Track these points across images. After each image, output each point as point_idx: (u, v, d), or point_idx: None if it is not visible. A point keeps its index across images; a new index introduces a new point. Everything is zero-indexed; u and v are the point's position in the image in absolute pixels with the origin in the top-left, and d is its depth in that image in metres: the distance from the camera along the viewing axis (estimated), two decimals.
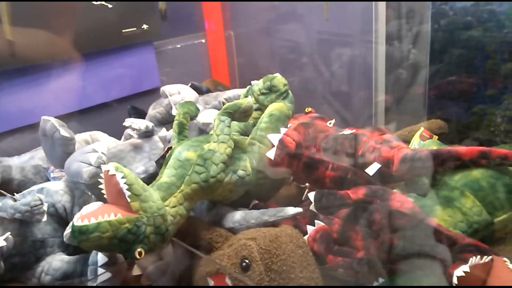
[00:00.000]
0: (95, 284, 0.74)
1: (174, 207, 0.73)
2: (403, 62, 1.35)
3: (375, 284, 0.71)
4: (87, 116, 1.31)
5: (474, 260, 0.61)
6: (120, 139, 1.19)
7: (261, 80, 0.98)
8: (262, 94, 0.97)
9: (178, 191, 0.75)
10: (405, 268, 0.69)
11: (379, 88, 1.29)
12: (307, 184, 0.92)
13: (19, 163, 1.11)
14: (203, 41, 1.59)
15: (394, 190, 0.78)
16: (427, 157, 0.84)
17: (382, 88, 1.29)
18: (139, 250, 0.66)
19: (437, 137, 1.10)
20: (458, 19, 1.34)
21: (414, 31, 1.34)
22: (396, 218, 0.71)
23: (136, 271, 0.80)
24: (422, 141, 1.07)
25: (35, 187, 0.89)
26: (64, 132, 0.85)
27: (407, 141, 1.08)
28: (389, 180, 0.88)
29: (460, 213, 0.78)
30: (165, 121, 1.16)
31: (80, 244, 0.64)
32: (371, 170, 0.86)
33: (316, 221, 0.78)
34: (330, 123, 1.15)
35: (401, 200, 0.73)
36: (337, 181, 0.80)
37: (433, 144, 1.01)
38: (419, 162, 0.84)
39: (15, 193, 0.81)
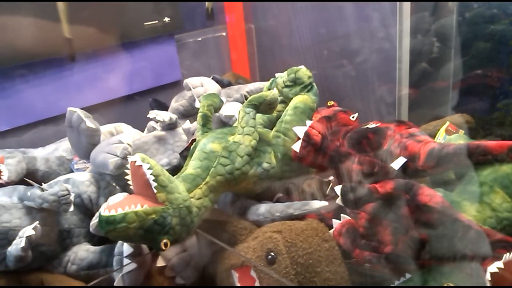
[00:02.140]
0: (120, 274, 0.74)
1: (199, 198, 0.73)
2: (427, 55, 1.33)
3: (402, 279, 0.70)
4: (109, 108, 1.32)
5: (508, 256, 0.59)
6: (142, 132, 1.19)
7: (285, 72, 0.97)
8: (286, 86, 0.96)
9: (203, 183, 0.75)
10: (434, 264, 0.68)
11: (403, 82, 1.27)
12: (331, 178, 0.91)
13: (43, 155, 1.13)
14: (224, 34, 1.59)
15: (423, 185, 0.77)
16: (454, 151, 0.82)
17: (406, 82, 1.27)
18: (164, 241, 0.67)
19: (463, 131, 1.08)
20: (483, 12, 1.31)
21: (438, 24, 1.32)
22: (425, 212, 0.69)
23: (160, 263, 0.80)
24: (448, 136, 1.05)
25: (61, 178, 0.90)
26: (90, 123, 0.86)
27: (432, 136, 1.06)
28: (415, 175, 0.86)
29: (489, 209, 0.77)
30: (188, 113, 1.16)
31: (107, 234, 0.65)
32: (397, 164, 0.84)
33: (342, 215, 0.77)
34: (353, 117, 1.13)
35: (430, 195, 0.71)
36: (363, 175, 0.78)
37: (460, 139, 0.99)
38: (446, 156, 0.82)
39: (42, 183, 0.82)
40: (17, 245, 0.71)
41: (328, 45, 1.39)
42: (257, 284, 0.70)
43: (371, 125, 0.98)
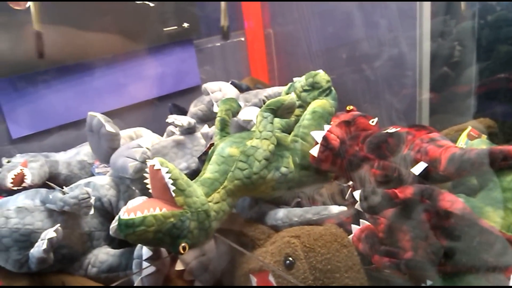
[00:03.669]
0: (139, 277, 0.75)
1: (217, 203, 0.73)
2: (448, 59, 1.31)
3: (423, 286, 0.69)
4: (130, 113, 1.34)
5: None
6: (161, 136, 1.20)
7: (303, 76, 0.97)
8: (305, 91, 0.96)
9: (221, 187, 0.75)
10: (455, 270, 0.67)
11: (424, 86, 1.25)
12: (350, 183, 0.90)
13: (65, 159, 1.15)
14: (243, 39, 1.59)
15: (444, 190, 0.76)
16: (476, 156, 0.80)
17: (427, 86, 1.25)
18: (183, 244, 0.67)
19: (486, 136, 1.06)
20: (506, 15, 1.29)
21: (459, 28, 1.30)
22: (446, 218, 0.68)
23: (179, 266, 0.80)
24: (469, 141, 1.03)
25: (82, 181, 0.91)
26: (110, 127, 0.87)
27: (454, 141, 1.04)
28: (435, 180, 0.85)
29: None
30: (206, 118, 1.17)
31: (126, 238, 0.65)
32: (417, 169, 0.83)
33: (361, 220, 0.76)
34: (372, 122, 1.12)
35: (451, 200, 0.70)
36: (382, 180, 0.78)
37: (482, 144, 0.97)
38: (468, 161, 0.80)
39: (63, 187, 0.84)
40: (39, 247, 0.72)
41: (347, 49, 1.38)
42: None
43: (391, 129, 0.97)
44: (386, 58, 1.30)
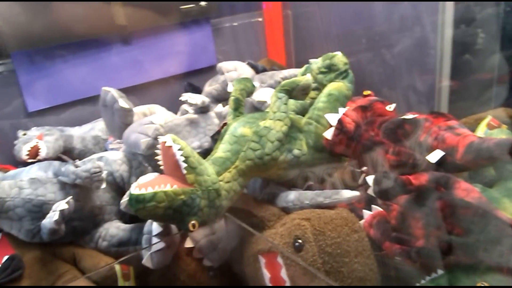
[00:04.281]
0: (149, 253, 0.75)
1: (228, 182, 0.73)
2: (470, 46, 1.27)
3: (433, 275, 0.68)
4: (144, 90, 1.34)
5: None
6: (175, 115, 1.20)
7: (320, 58, 0.95)
8: (321, 72, 0.94)
9: (232, 166, 0.75)
10: (468, 261, 0.66)
11: (444, 73, 1.22)
12: (363, 168, 0.89)
13: (80, 133, 1.16)
14: (260, 19, 1.57)
15: (459, 179, 0.74)
16: (495, 146, 0.78)
17: (447, 73, 1.22)
18: (192, 222, 0.67)
19: (506, 126, 1.03)
20: None
21: (484, 14, 1.26)
22: (461, 207, 0.67)
23: (188, 244, 0.80)
24: (489, 130, 1.00)
25: (94, 156, 0.91)
26: (123, 103, 0.87)
27: (472, 130, 1.02)
28: (452, 169, 0.83)
29: None
30: (221, 98, 1.16)
31: (137, 212, 0.65)
32: (434, 157, 0.82)
33: (373, 206, 0.75)
34: (390, 107, 1.10)
35: (467, 189, 0.69)
36: (397, 166, 0.76)
37: (502, 133, 0.95)
38: (486, 151, 0.78)
39: (76, 160, 0.84)
40: (51, 218, 0.73)
41: (366, 33, 1.35)
42: (283, 270, 0.70)
43: (409, 116, 0.95)
44: (407, 43, 1.27)
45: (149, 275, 0.80)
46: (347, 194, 0.77)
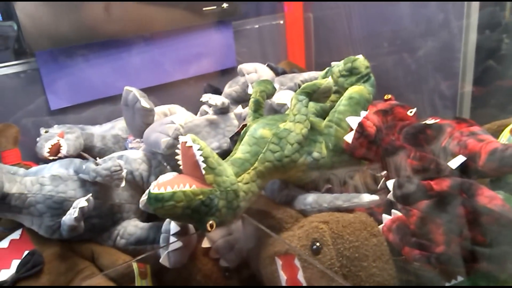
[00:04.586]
0: (166, 252, 0.76)
1: (246, 183, 0.73)
2: (494, 52, 1.25)
3: (453, 282, 0.67)
4: (164, 91, 1.35)
5: None
6: (195, 115, 1.21)
7: (341, 61, 0.95)
8: (342, 76, 0.93)
9: (251, 168, 0.75)
10: (489, 269, 0.64)
11: (467, 79, 1.20)
12: (383, 173, 0.88)
13: (100, 132, 1.17)
14: (281, 22, 1.57)
15: (482, 185, 0.73)
16: None
17: (470, 79, 1.21)
18: (210, 222, 0.67)
19: None
20: None
21: (509, 20, 1.23)
22: (483, 214, 0.65)
23: (205, 244, 0.81)
24: None
25: (115, 154, 0.92)
26: (145, 102, 0.88)
27: (496, 136, 1.00)
28: (473, 176, 0.82)
29: None
30: (241, 99, 1.16)
31: (155, 211, 0.66)
32: (455, 163, 0.80)
33: (393, 210, 0.74)
34: (411, 112, 1.09)
35: (490, 196, 0.67)
36: (418, 171, 0.75)
37: None
38: (510, 158, 0.77)
39: (97, 158, 0.85)
40: (71, 215, 0.74)
41: (387, 37, 1.34)
42: (300, 273, 0.69)
43: (430, 121, 0.94)
44: (430, 47, 1.25)
45: (166, 274, 0.80)
46: (367, 198, 0.76)
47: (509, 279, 0.62)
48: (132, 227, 0.85)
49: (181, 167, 0.70)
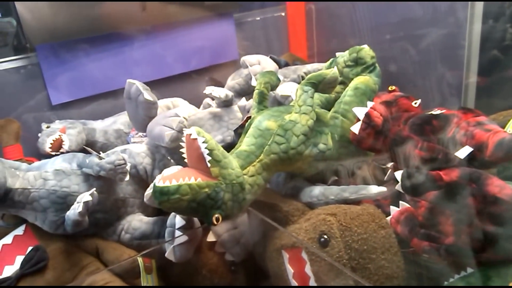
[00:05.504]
0: (171, 246, 0.75)
1: (252, 176, 0.72)
2: (499, 42, 1.24)
3: (462, 273, 0.66)
4: (166, 85, 1.34)
5: None
6: (198, 109, 1.20)
7: (346, 51, 0.93)
8: (347, 66, 0.92)
9: (257, 160, 0.74)
10: (499, 260, 0.63)
11: (471, 69, 1.19)
12: (389, 164, 0.87)
13: (102, 127, 1.16)
14: (283, 14, 1.56)
15: (492, 175, 0.72)
16: None
17: (475, 70, 1.19)
18: (216, 215, 0.66)
19: None
20: None
21: None
22: (493, 204, 0.64)
23: (211, 237, 0.80)
24: None
25: (118, 148, 0.91)
26: (148, 95, 0.87)
27: (502, 126, 0.99)
28: (481, 166, 0.81)
29: None
30: (244, 92, 1.15)
31: (161, 205, 0.65)
32: (462, 153, 0.79)
33: (401, 202, 0.73)
34: (415, 103, 1.08)
35: (500, 186, 0.66)
36: (426, 161, 0.74)
37: None
38: None
39: (100, 152, 0.84)
40: (75, 209, 0.73)
41: (391, 28, 1.33)
42: (307, 266, 0.68)
43: (436, 111, 0.93)
44: (434, 38, 1.24)
45: (171, 269, 0.80)
46: (375, 189, 0.75)
47: None
48: (136, 221, 0.84)
49: (186, 160, 0.69)
